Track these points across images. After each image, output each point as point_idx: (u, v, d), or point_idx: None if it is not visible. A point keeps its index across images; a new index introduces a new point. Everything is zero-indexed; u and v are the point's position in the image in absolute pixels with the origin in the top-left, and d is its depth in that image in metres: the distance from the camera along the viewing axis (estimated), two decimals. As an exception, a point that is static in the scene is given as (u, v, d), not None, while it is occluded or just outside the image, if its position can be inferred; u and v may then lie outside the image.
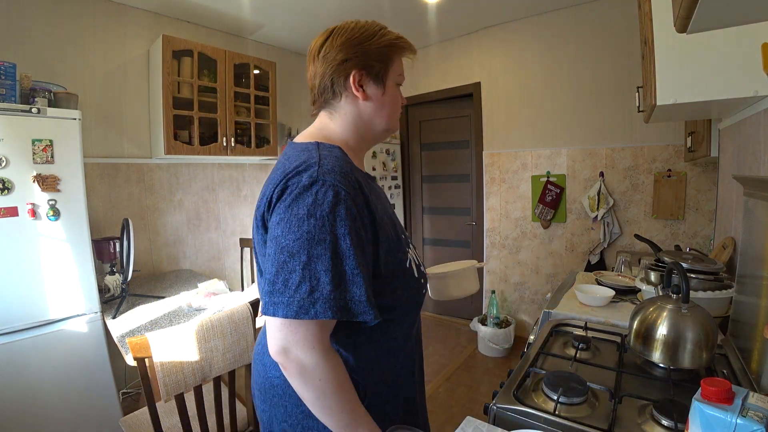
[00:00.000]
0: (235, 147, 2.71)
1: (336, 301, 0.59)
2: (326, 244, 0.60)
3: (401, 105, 0.83)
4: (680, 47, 1.08)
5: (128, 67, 2.48)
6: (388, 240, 0.70)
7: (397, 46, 0.78)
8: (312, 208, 0.61)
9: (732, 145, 1.51)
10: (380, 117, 0.78)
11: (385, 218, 0.71)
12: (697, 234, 2.42)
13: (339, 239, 0.61)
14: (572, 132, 2.82)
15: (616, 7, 2.55)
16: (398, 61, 0.79)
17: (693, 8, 0.55)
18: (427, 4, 2.67)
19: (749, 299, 0.95)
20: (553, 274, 2.99)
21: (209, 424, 1.26)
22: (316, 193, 0.62)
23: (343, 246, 0.61)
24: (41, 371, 1.71)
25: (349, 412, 0.64)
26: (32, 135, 1.66)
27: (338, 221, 0.61)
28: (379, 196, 0.77)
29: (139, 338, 1.09)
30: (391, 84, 0.78)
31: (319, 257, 0.60)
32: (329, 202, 0.61)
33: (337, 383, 0.63)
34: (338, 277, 0.60)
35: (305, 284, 0.59)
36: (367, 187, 0.70)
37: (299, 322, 0.60)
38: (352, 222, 0.62)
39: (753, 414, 0.54)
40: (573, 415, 0.80)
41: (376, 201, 0.70)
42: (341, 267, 0.60)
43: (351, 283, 0.61)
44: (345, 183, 0.64)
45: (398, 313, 0.74)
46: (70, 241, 1.78)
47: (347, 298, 0.60)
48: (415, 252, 0.81)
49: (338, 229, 0.61)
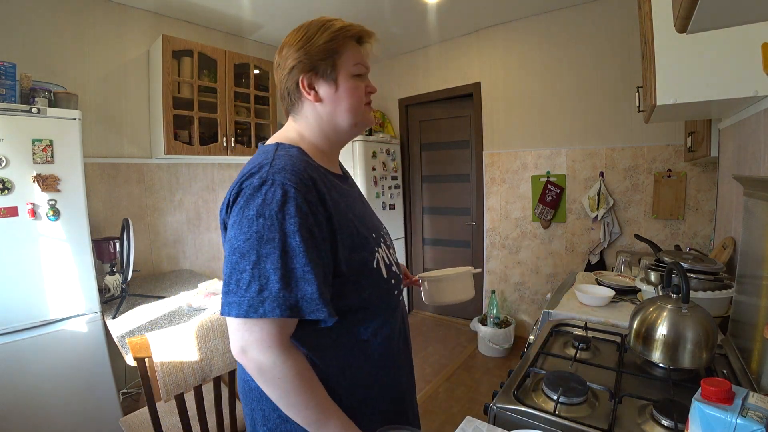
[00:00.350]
0: (235, 147, 2.71)
1: (285, 300, 0.59)
2: (275, 243, 0.60)
3: (367, 94, 0.78)
4: (680, 47, 1.08)
5: (128, 67, 2.48)
6: (351, 237, 0.69)
7: (341, 36, 0.74)
8: (261, 207, 0.61)
9: (732, 145, 1.51)
10: (341, 114, 0.76)
11: (349, 216, 0.71)
12: (697, 234, 2.42)
13: (288, 237, 0.60)
14: (572, 132, 2.82)
15: (616, 7, 2.55)
16: (350, 51, 0.75)
17: (693, 8, 0.55)
18: (427, 4, 2.67)
19: (749, 299, 0.95)
20: (553, 274, 3.00)
21: (209, 424, 1.26)
22: (266, 193, 0.62)
23: (293, 243, 0.60)
24: (41, 371, 1.71)
25: (315, 407, 0.64)
26: (32, 135, 1.66)
27: (287, 219, 0.61)
28: (346, 194, 0.76)
29: (139, 338, 1.09)
30: (344, 78, 0.75)
31: (267, 256, 0.60)
32: (278, 201, 0.61)
33: (298, 381, 0.63)
34: (287, 276, 0.60)
35: (255, 283, 0.59)
36: (326, 185, 0.70)
37: (254, 322, 0.61)
38: (302, 219, 0.61)
39: (753, 414, 0.54)
40: (573, 415, 0.80)
41: (338, 198, 0.70)
42: (291, 265, 0.60)
43: (302, 280, 0.60)
44: (295, 180, 0.63)
45: (368, 314, 0.73)
46: (70, 241, 1.78)
47: (298, 296, 0.60)
48: (387, 252, 0.79)
49: (287, 226, 0.60)
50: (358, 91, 0.76)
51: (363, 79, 0.78)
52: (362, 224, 0.74)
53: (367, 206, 0.85)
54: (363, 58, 0.77)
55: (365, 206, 0.84)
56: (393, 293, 0.77)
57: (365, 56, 0.78)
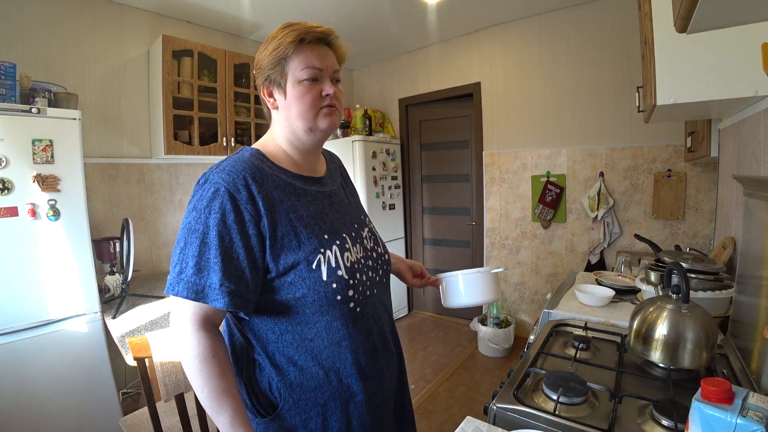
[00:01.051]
0: (235, 147, 2.71)
1: (194, 285, 0.67)
2: (198, 234, 0.67)
3: (317, 97, 0.76)
4: (680, 47, 1.08)
5: (128, 67, 2.49)
6: (285, 238, 0.72)
7: (284, 43, 0.74)
8: (196, 202, 0.69)
9: (732, 145, 1.51)
10: (294, 121, 0.78)
11: (290, 216, 0.74)
12: (697, 234, 2.42)
13: (209, 230, 0.67)
14: (572, 132, 2.82)
15: (616, 7, 2.55)
16: (298, 56, 0.75)
17: (693, 8, 0.55)
18: (427, 4, 2.67)
19: (749, 299, 0.95)
20: (553, 274, 3.00)
21: (209, 424, 1.26)
22: (203, 190, 0.70)
23: (210, 236, 0.67)
24: (41, 371, 1.71)
25: (210, 393, 0.68)
26: (32, 135, 1.66)
27: (211, 214, 0.67)
28: (300, 194, 0.78)
29: (139, 338, 1.09)
30: (291, 84, 0.76)
31: (190, 245, 0.68)
32: (207, 198, 0.68)
33: (199, 362, 0.68)
34: (200, 264, 0.67)
35: (177, 266, 0.68)
36: (270, 186, 0.73)
37: (179, 301, 0.69)
38: (222, 216, 0.67)
39: (753, 414, 0.54)
40: (573, 415, 0.80)
41: (280, 199, 0.74)
42: (206, 255, 0.67)
43: (210, 270, 0.67)
44: (228, 180, 0.69)
45: (308, 314, 0.74)
46: (70, 241, 1.78)
47: (205, 284, 0.67)
48: (342, 254, 0.76)
49: (210, 221, 0.67)
50: (307, 96, 0.75)
51: (316, 83, 0.76)
52: (309, 225, 0.75)
53: (336, 207, 0.84)
54: (314, 61, 0.75)
55: (332, 207, 0.83)
56: (330, 297, 0.73)
57: (320, 58, 0.76)
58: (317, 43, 0.77)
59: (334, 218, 0.81)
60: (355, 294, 0.77)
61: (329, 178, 0.89)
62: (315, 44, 0.77)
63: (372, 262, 0.85)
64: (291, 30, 0.75)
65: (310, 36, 0.76)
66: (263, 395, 0.76)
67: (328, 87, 0.77)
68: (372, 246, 0.87)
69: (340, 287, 0.74)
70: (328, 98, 0.77)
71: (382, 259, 0.89)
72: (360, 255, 0.81)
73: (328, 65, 0.77)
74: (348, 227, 0.83)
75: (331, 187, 0.88)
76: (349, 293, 0.76)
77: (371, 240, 0.88)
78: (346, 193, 0.93)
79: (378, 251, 0.88)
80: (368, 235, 0.88)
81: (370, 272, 0.83)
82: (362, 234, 0.86)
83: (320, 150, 0.89)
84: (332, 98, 0.77)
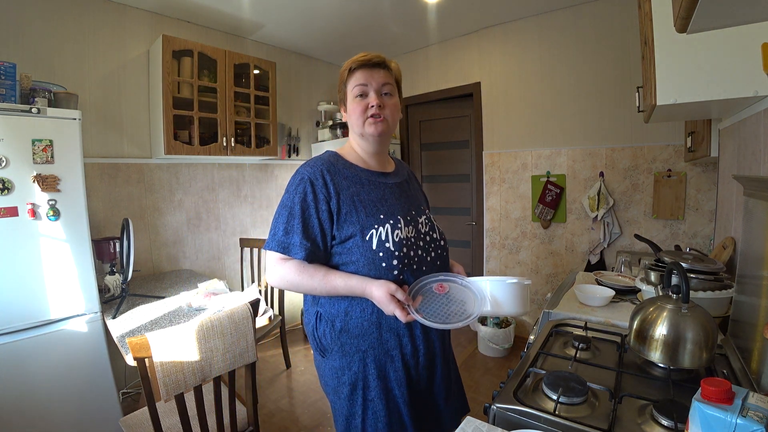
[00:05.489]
0: (235, 147, 2.71)
1: (283, 243, 0.93)
2: (287, 208, 0.95)
3: (365, 109, 0.99)
4: (680, 47, 1.08)
5: (128, 67, 2.49)
6: (348, 214, 0.95)
7: (344, 70, 1.02)
8: (289, 186, 0.98)
9: (732, 145, 1.51)
10: (352, 127, 1.04)
11: (354, 199, 0.97)
12: (697, 234, 2.42)
13: (294, 206, 0.94)
14: (572, 132, 2.82)
15: (616, 7, 2.55)
16: (351, 79, 1.01)
17: (693, 8, 0.55)
18: (427, 4, 2.67)
19: (749, 299, 0.95)
20: (553, 274, 2.99)
21: (209, 424, 1.27)
22: (293, 178, 0.98)
23: (296, 209, 0.94)
24: (41, 371, 1.71)
25: (319, 283, 0.94)
26: (32, 135, 1.66)
27: (296, 195, 0.95)
28: (367, 184, 1.02)
29: (139, 338, 1.09)
30: (348, 101, 1.03)
31: (281, 215, 0.95)
32: (296, 183, 0.97)
33: (297, 274, 0.94)
34: (287, 228, 0.94)
35: (272, 230, 0.96)
36: (341, 176, 0.99)
37: (273, 253, 0.96)
38: (304, 195, 0.94)
39: (753, 414, 0.54)
40: (573, 415, 0.80)
41: (348, 186, 0.98)
42: (291, 222, 0.93)
43: (293, 232, 0.93)
44: (310, 172, 0.97)
45: (360, 274, 0.93)
46: (70, 241, 1.78)
47: (289, 242, 0.93)
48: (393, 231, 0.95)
49: (295, 198, 0.95)
50: (357, 109, 1.00)
51: (363, 98, 1.00)
52: (367, 206, 0.98)
53: (397, 195, 1.05)
54: (363, 80, 0.99)
55: (393, 195, 1.04)
56: (377, 263, 0.93)
57: (365, 77, 0.99)
58: (364, 67, 1.00)
59: (393, 203, 1.02)
60: (400, 264, 0.94)
61: (395, 174, 1.11)
62: (363, 68, 1.00)
63: (424, 243, 1.02)
64: (348, 62, 1.01)
65: (355, 64, 1.00)
66: (319, 339, 1.01)
67: (373, 100, 0.99)
68: (427, 231, 1.05)
69: (386, 256, 0.93)
70: (373, 109, 0.99)
71: (435, 243, 1.06)
72: (411, 234, 1.00)
73: (375, 81, 0.99)
74: (404, 212, 1.02)
75: (396, 180, 1.09)
76: (393, 262, 0.94)
77: (427, 225, 1.06)
78: (409, 187, 1.13)
79: (432, 236, 1.06)
80: (425, 221, 1.07)
81: (420, 251, 1.00)
82: (418, 219, 1.05)
83: (384, 150, 1.09)
84: (377, 108, 0.98)
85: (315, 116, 3.70)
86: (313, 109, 3.69)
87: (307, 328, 1.07)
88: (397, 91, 1.07)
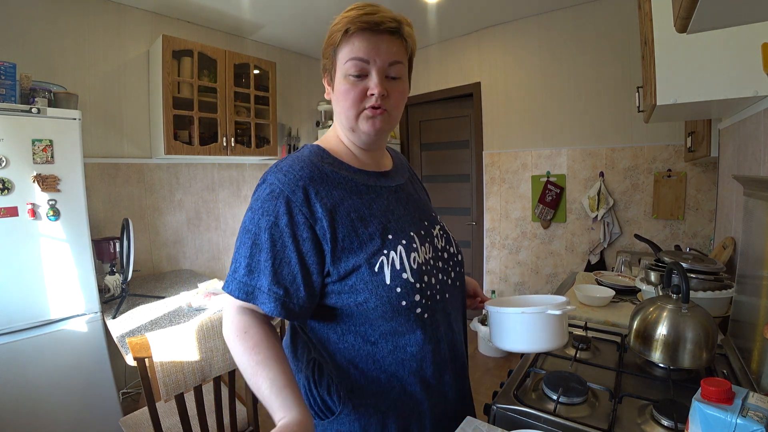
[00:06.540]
0: (235, 147, 2.71)
1: (245, 285, 0.65)
2: (251, 234, 0.65)
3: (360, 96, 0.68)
4: (680, 47, 1.08)
5: (128, 67, 2.48)
6: (348, 238, 0.66)
7: (335, 30, 0.67)
8: (253, 202, 0.67)
9: (732, 145, 1.51)
10: (338, 115, 0.73)
11: (352, 216, 0.67)
12: (697, 234, 2.42)
13: (261, 232, 0.64)
14: (572, 132, 2.82)
15: (616, 7, 2.55)
16: (345, 46, 0.67)
17: (693, 8, 0.55)
18: (427, 4, 2.67)
19: (749, 299, 0.95)
20: (553, 274, 2.99)
21: (209, 424, 1.26)
22: (260, 190, 0.67)
23: (262, 238, 0.64)
24: (41, 371, 1.71)
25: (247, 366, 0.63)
26: (32, 135, 1.66)
27: (263, 215, 0.64)
28: (362, 192, 0.71)
29: (139, 338, 1.09)
30: (337, 79, 0.69)
31: (243, 245, 0.66)
32: (262, 198, 0.65)
33: (235, 337, 0.66)
34: (251, 265, 0.64)
35: (233, 265, 0.67)
36: (330, 184, 0.68)
37: (227, 296, 0.68)
38: (276, 218, 0.64)
39: (753, 414, 0.54)
40: (573, 415, 0.80)
41: (342, 197, 0.68)
42: (257, 257, 0.64)
43: (261, 273, 0.64)
44: (284, 181, 0.65)
45: (371, 318, 0.68)
46: (70, 241, 1.78)
47: (255, 285, 0.64)
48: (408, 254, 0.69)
49: (262, 222, 0.64)
50: (350, 94, 0.67)
51: (361, 80, 0.67)
52: (371, 224, 0.69)
53: (404, 203, 0.77)
54: (363, 53, 0.66)
55: (399, 203, 0.76)
56: (401, 303, 0.67)
57: (368, 49, 0.66)
58: (369, 32, 0.66)
59: (401, 215, 0.74)
60: (423, 299, 0.69)
61: (396, 172, 0.81)
62: (366, 32, 0.66)
63: (443, 263, 0.77)
64: (344, 15, 0.67)
65: (356, 25, 0.65)
66: (321, 397, 0.71)
67: (375, 85, 0.66)
68: (443, 245, 0.79)
69: (405, 291, 0.67)
70: (373, 98, 0.67)
71: (454, 260, 0.81)
72: (429, 255, 0.73)
73: (381, 57, 0.66)
74: (417, 225, 0.75)
75: (399, 181, 0.80)
76: (416, 298, 0.68)
77: (442, 239, 0.80)
78: (414, 188, 0.85)
79: (450, 251, 0.80)
80: (440, 233, 0.80)
81: (441, 274, 0.75)
82: (432, 232, 0.78)
83: (381, 145, 0.80)
84: (378, 98, 0.67)
85: (315, 116, 3.70)
86: (313, 109, 3.69)
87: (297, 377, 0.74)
88: (407, 72, 0.74)
